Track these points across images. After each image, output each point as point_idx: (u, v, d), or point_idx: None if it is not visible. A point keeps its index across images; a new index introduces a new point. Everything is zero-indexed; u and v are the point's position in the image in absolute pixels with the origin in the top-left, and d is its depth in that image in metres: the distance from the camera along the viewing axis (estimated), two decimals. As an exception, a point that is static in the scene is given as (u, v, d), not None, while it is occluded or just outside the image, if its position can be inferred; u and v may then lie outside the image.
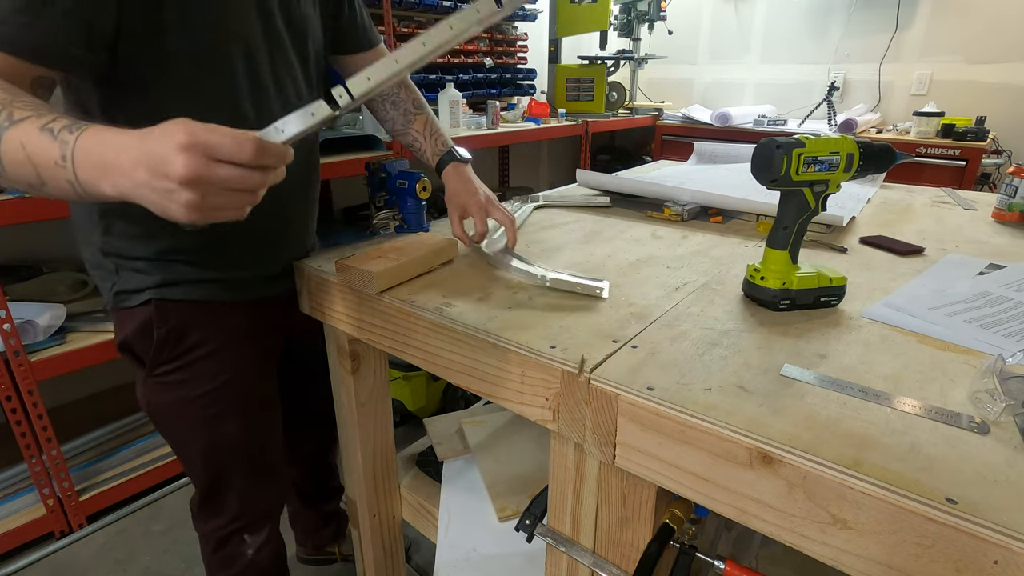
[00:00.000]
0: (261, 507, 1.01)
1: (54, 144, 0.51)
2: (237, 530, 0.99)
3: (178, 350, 0.82)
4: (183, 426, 0.89)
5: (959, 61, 2.66)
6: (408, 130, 1.02)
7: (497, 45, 2.99)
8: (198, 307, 0.82)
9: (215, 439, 0.89)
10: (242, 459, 0.94)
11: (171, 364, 0.83)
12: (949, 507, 0.40)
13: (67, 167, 0.50)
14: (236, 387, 0.88)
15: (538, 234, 1.07)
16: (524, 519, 0.73)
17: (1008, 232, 1.11)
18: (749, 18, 3.23)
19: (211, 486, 0.94)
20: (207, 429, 0.88)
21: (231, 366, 0.86)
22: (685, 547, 0.61)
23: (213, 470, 0.93)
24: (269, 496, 1.02)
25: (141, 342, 0.82)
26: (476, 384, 0.69)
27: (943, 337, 0.66)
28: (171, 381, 0.84)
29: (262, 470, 0.98)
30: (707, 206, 1.21)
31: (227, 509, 0.96)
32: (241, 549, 1.00)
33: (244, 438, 0.92)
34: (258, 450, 0.96)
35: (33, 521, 1.46)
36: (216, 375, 0.85)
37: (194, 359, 0.83)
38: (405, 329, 0.76)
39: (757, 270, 0.74)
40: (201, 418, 0.87)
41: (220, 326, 0.84)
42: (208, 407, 0.86)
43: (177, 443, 0.92)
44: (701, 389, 0.54)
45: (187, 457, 0.93)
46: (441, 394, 1.96)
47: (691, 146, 1.97)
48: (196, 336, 0.82)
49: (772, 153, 0.67)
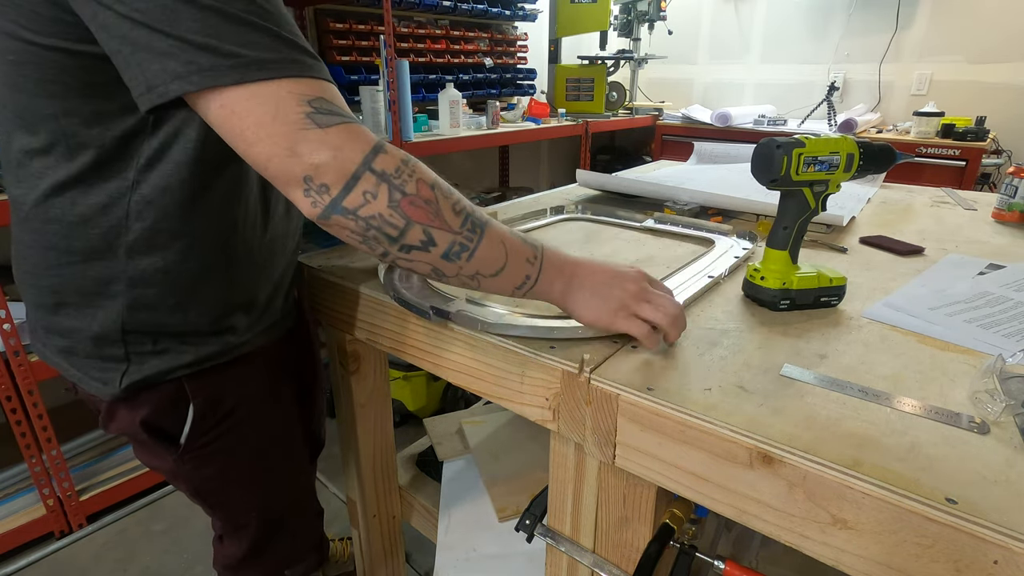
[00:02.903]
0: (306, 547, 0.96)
1: (526, 245, 0.60)
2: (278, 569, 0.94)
3: (215, 419, 0.73)
4: (231, 495, 0.82)
5: (959, 61, 2.66)
6: None
7: (497, 45, 3.00)
8: (229, 368, 0.73)
9: (268, 498, 0.85)
10: (293, 508, 0.90)
11: (212, 433, 0.74)
12: (949, 507, 0.40)
13: (537, 260, 0.60)
14: (275, 440, 0.83)
15: (538, 233, 1.07)
16: (524, 519, 0.73)
17: (1008, 232, 1.11)
18: (749, 18, 3.23)
19: (264, 541, 0.88)
20: (259, 490, 0.83)
21: (265, 420, 0.80)
22: (685, 547, 0.61)
23: (265, 528, 0.86)
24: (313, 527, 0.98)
25: (169, 419, 0.71)
26: (476, 384, 0.69)
27: (943, 337, 0.66)
28: (211, 452, 0.75)
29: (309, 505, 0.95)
30: (707, 206, 1.21)
31: (272, 559, 0.91)
32: None
33: (293, 485, 0.89)
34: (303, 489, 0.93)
35: (33, 521, 1.46)
36: (258, 430, 0.79)
37: (232, 424, 0.75)
38: (405, 329, 0.76)
39: (757, 270, 0.74)
40: (250, 481, 0.81)
41: (247, 382, 0.77)
42: (254, 466, 0.81)
43: (226, 512, 0.85)
44: (701, 389, 0.54)
45: (236, 523, 0.86)
46: (441, 394, 1.96)
47: (691, 146, 1.97)
48: (232, 400, 0.74)
49: (772, 153, 0.67)
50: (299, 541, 0.94)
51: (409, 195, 0.53)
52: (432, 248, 0.55)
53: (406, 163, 0.54)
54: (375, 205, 0.52)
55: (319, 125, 0.50)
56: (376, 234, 0.53)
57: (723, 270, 0.83)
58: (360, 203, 0.52)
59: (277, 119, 0.49)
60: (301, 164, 0.50)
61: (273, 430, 0.82)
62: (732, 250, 0.93)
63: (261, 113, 0.49)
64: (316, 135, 0.50)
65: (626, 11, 3.12)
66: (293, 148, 0.50)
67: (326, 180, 0.51)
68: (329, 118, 0.51)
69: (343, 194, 0.51)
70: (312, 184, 0.51)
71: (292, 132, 0.50)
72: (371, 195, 0.52)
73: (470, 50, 2.83)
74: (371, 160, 0.52)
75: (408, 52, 2.54)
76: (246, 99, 0.49)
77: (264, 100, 0.49)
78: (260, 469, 0.82)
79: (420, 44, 2.59)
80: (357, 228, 0.53)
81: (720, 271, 0.82)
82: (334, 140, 0.50)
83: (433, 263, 0.56)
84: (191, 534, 1.54)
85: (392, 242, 0.54)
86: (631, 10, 3.10)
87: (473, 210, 0.57)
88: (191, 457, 0.74)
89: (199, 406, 0.71)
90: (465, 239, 0.56)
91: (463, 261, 0.56)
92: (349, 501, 1.14)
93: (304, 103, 0.50)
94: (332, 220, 0.53)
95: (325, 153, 0.50)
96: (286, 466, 0.87)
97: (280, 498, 0.87)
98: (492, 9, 2.84)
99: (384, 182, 0.52)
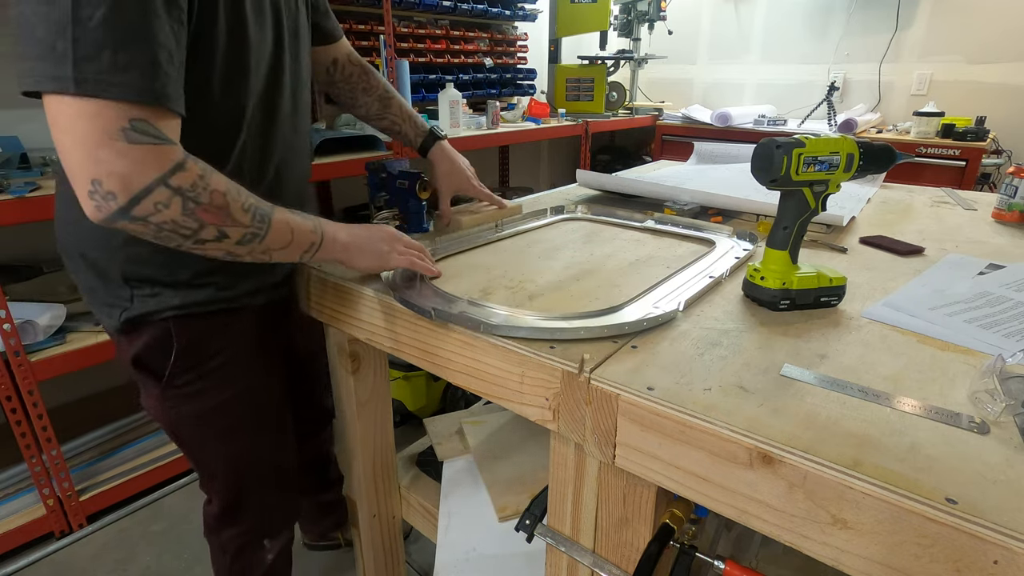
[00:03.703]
0: (282, 513, 1.01)
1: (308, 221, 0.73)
2: (256, 538, 0.98)
3: (195, 360, 0.82)
4: (205, 438, 0.88)
5: (959, 61, 2.66)
6: (385, 114, 1.06)
7: (497, 45, 3.00)
8: (219, 316, 0.82)
9: (238, 447, 0.90)
10: (265, 465, 0.95)
11: (189, 374, 0.82)
12: (949, 507, 0.40)
13: (317, 232, 0.73)
14: (251, 394, 0.89)
15: (539, 234, 1.07)
16: (524, 519, 0.73)
17: (1008, 232, 1.11)
18: (749, 18, 3.23)
19: (233, 497, 0.94)
20: (230, 439, 0.89)
21: (249, 371, 0.88)
22: (685, 547, 0.61)
23: (237, 480, 0.93)
24: (289, 503, 1.02)
25: (157, 356, 0.81)
26: (476, 384, 0.69)
27: (943, 337, 0.66)
28: (189, 392, 0.83)
29: (283, 476, 0.98)
30: (707, 206, 1.21)
31: (247, 518, 0.96)
32: (260, 555, 0.99)
33: (266, 443, 0.93)
34: (278, 456, 0.97)
35: (33, 521, 1.46)
36: (236, 381, 0.86)
37: (211, 368, 0.84)
38: (405, 329, 0.76)
39: (757, 270, 0.74)
40: (223, 427, 0.88)
41: (232, 335, 0.85)
42: (228, 415, 0.87)
43: (199, 457, 0.92)
44: (701, 389, 0.54)
45: (208, 471, 0.93)
46: (441, 394, 1.96)
47: (691, 146, 1.97)
48: (215, 345, 0.83)
49: (772, 153, 0.67)
50: (274, 511, 0.98)
51: (203, 204, 0.62)
52: (225, 240, 0.66)
53: (202, 178, 0.62)
54: (168, 213, 0.60)
55: (127, 141, 0.56)
56: (169, 234, 0.62)
57: (724, 270, 0.83)
58: (151, 211, 0.59)
59: (93, 127, 0.55)
60: (96, 169, 0.56)
61: (251, 385, 0.88)
62: (733, 251, 0.93)
63: (85, 119, 0.55)
64: (119, 147, 0.56)
65: (626, 11, 3.12)
66: (95, 152, 0.55)
67: (114, 189, 0.56)
68: (142, 137, 0.57)
69: (131, 204, 0.58)
70: (99, 189, 0.56)
71: (100, 140, 0.55)
72: (163, 205, 0.59)
73: (470, 50, 2.83)
74: (168, 177, 0.59)
75: (408, 52, 2.54)
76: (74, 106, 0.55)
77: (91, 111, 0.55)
78: (232, 419, 0.88)
79: (420, 44, 2.59)
80: (147, 231, 0.61)
81: (721, 271, 0.82)
82: (135, 155, 0.57)
83: (228, 249, 0.67)
84: (191, 534, 1.54)
85: (185, 239, 0.63)
86: (631, 10, 3.10)
87: (260, 205, 0.68)
88: (172, 394, 0.83)
89: (181, 347, 0.80)
90: (255, 229, 0.67)
91: (255, 244, 0.68)
92: (349, 501, 1.14)
93: (126, 121, 0.56)
94: (119, 225, 0.60)
95: (121, 165, 0.56)
96: (259, 423, 0.91)
97: (250, 453, 0.92)
98: (492, 9, 2.84)
99: (179, 195, 0.60)
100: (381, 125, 1.08)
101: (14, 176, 1.38)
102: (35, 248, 1.70)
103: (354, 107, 1.07)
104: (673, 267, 0.88)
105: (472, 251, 0.97)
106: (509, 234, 1.06)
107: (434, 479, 1.11)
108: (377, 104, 1.05)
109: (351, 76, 1.03)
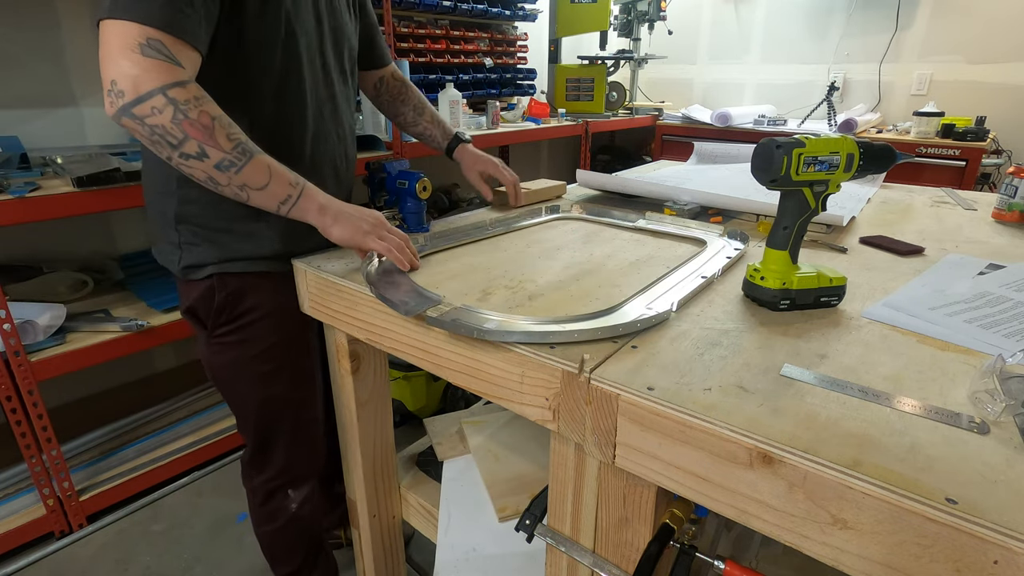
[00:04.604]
0: (305, 463, 1.10)
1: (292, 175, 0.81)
2: (282, 485, 1.09)
3: (235, 313, 0.94)
4: (239, 383, 1.00)
5: (959, 61, 2.66)
6: (419, 122, 1.23)
7: (497, 45, 2.99)
8: (252, 278, 0.93)
9: (266, 395, 1.01)
10: (290, 416, 1.04)
11: (229, 326, 0.95)
12: (949, 507, 0.40)
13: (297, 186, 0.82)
14: (284, 348, 1.00)
15: (538, 233, 1.07)
16: (524, 519, 0.73)
17: (1008, 232, 1.11)
18: (749, 18, 3.23)
19: (261, 440, 1.05)
20: (260, 386, 1.00)
21: (280, 329, 0.98)
22: (685, 547, 0.61)
23: (264, 424, 1.03)
24: (311, 454, 1.11)
25: (204, 307, 0.94)
26: (476, 384, 0.69)
27: (943, 337, 0.66)
28: (229, 342, 0.96)
29: (307, 428, 1.08)
30: (707, 206, 1.21)
31: (274, 463, 1.07)
32: (285, 503, 1.10)
33: (292, 397, 1.03)
34: (303, 409, 1.06)
35: (33, 521, 1.46)
36: (267, 336, 0.97)
37: (249, 322, 0.95)
38: (405, 329, 0.76)
39: (757, 270, 0.74)
40: (255, 375, 0.99)
41: (270, 294, 0.95)
42: (261, 365, 0.98)
43: (234, 400, 1.03)
44: (701, 389, 0.54)
45: (242, 413, 1.04)
46: (441, 394, 1.96)
47: (691, 146, 1.97)
48: (250, 302, 0.94)
49: (772, 153, 0.67)
50: (296, 460, 1.09)
51: (190, 119, 0.72)
52: (205, 159, 0.74)
53: (198, 100, 0.73)
54: (160, 119, 0.71)
55: (142, 54, 0.70)
56: (159, 140, 0.72)
57: (716, 270, 0.83)
58: (147, 114, 0.71)
59: (120, 41, 0.70)
60: (114, 70, 0.70)
61: (282, 340, 0.99)
62: (724, 250, 0.93)
63: (116, 35, 0.70)
64: (135, 58, 0.70)
65: (626, 11, 3.12)
66: (116, 59, 0.69)
67: (124, 88, 0.70)
68: (155, 53, 0.70)
69: (133, 103, 0.70)
70: (114, 88, 0.70)
71: (123, 50, 0.69)
72: (157, 111, 0.71)
73: (470, 50, 2.83)
74: (167, 89, 0.71)
75: (408, 52, 2.54)
76: (111, 26, 0.70)
77: (120, 29, 0.70)
78: (264, 369, 0.99)
79: (420, 44, 2.59)
80: (143, 132, 0.72)
81: (713, 271, 0.83)
82: (144, 65, 0.70)
83: (208, 171, 0.75)
84: (191, 534, 1.54)
85: (172, 148, 0.73)
86: (631, 10, 3.10)
87: (247, 141, 0.77)
88: (214, 343, 0.96)
89: (221, 299, 0.92)
90: (234, 158, 0.75)
91: (232, 174, 0.76)
92: (349, 501, 1.14)
93: (144, 38, 0.70)
94: (123, 121, 0.71)
95: (132, 70, 0.69)
96: (288, 376, 1.02)
97: (277, 402, 1.02)
98: (492, 9, 2.84)
99: (171, 105, 0.71)
100: (415, 131, 1.24)
101: (14, 176, 1.38)
102: (35, 248, 1.70)
103: (395, 116, 1.24)
104: (671, 266, 0.88)
105: (472, 252, 0.97)
106: (504, 232, 1.06)
107: (434, 479, 1.11)
108: (412, 113, 1.22)
109: (393, 90, 1.21)
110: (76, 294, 1.63)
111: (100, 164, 1.42)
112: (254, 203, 0.79)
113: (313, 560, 1.19)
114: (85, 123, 1.74)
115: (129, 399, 1.83)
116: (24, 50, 1.60)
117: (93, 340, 1.43)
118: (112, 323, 1.48)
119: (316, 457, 1.12)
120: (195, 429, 1.80)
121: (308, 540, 1.17)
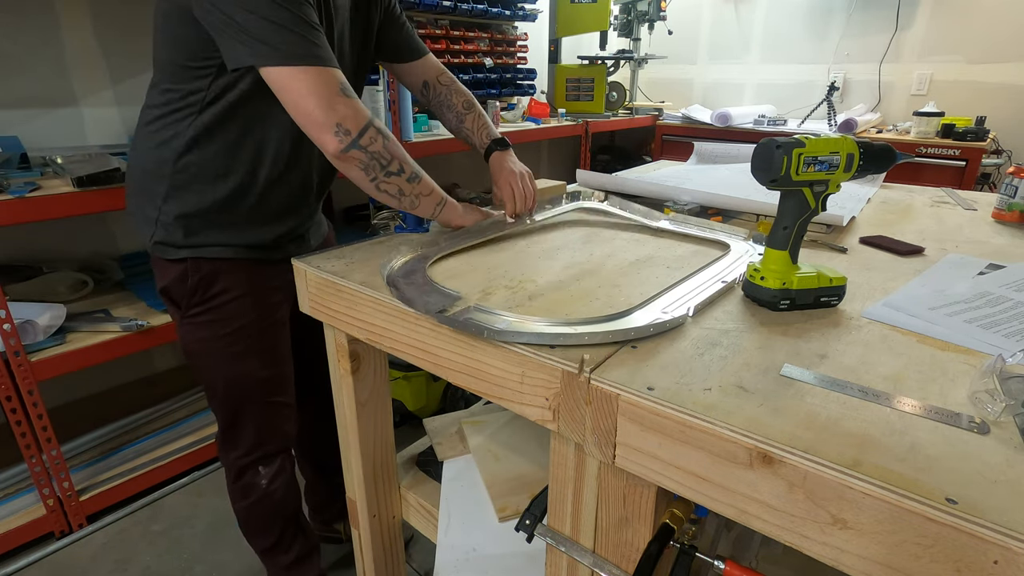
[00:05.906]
0: (274, 442, 1.14)
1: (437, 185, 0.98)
2: (253, 462, 1.13)
3: (207, 295, 1.00)
4: (210, 361, 1.05)
5: (959, 61, 2.66)
6: (461, 127, 1.27)
7: (497, 45, 2.99)
8: (224, 263, 0.99)
9: (235, 373, 1.06)
10: (258, 395, 1.09)
11: (201, 307, 1.00)
12: (949, 507, 0.40)
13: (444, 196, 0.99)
14: (253, 330, 1.05)
15: (538, 234, 1.07)
16: (524, 519, 0.73)
17: (1008, 232, 1.11)
18: (749, 18, 3.23)
19: (231, 417, 1.10)
20: (229, 364, 1.05)
21: (249, 312, 1.03)
22: (685, 547, 0.61)
23: (233, 402, 1.08)
24: (280, 431, 1.15)
25: (178, 289, 1.00)
26: (476, 384, 0.69)
27: (943, 337, 0.66)
28: (201, 321, 1.01)
29: (277, 408, 1.12)
30: (707, 206, 1.21)
31: (244, 440, 1.11)
32: (256, 480, 1.14)
33: (260, 376, 1.08)
34: (273, 389, 1.11)
35: (33, 521, 1.46)
36: (238, 317, 1.02)
37: (220, 303, 1.01)
38: (405, 329, 0.76)
39: (757, 270, 0.74)
40: (225, 355, 1.04)
41: (241, 279, 1.01)
42: (230, 346, 1.03)
43: (204, 377, 1.08)
44: (701, 389, 0.54)
45: (212, 392, 1.09)
46: (441, 394, 1.96)
47: (691, 146, 1.97)
48: (221, 284, 1.00)
49: (772, 153, 0.67)
50: (268, 439, 1.13)
51: (391, 142, 0.89)
52: (402, 174, 0.91)
53: (381, 128, 0.88)
54: (376, 145, 0.87)
55: (346, 95, 0.84)
56: (374, 162, 0.87)
57: (740, 276, 0.81)
58: (369, 143, 0.86)
59: (326, 88, 0.82)
60: (335, 114, 0.83)
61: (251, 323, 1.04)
62: (748, 254, 0.91)
63: (317, 82, 0.82)
64: (345, 100, 0.84)
65: (626, 11, 3.12)
66: (332, 103, 0.82)
67: (349, 127, 0.84)
68: (350, 91, 0.85)
69: (359, 136, 0.85)
70: (340, 128, 0.83)
71: (333, 95, 0.83)
72: (373, 139, 0.86)
73: (470, 50, 2.83)
74: (373, 120, 0.87)
75: (408, 52, 2.54)
76: (302, 72, 0.81)
77: (317, 76, 0.82)
78: (235, 349, 1.04)
79: (420, 44, 2.59)
80: (364, 158, 0.86)
81: (735, 276, 0.81)
82: (354, 104, 0.85)
83: (401, 184, 0.91)
84: (191, 534, 1.54)
85: (381, 169, 0.88)
86: (631, 10, 3.10)
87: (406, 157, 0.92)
88: (187, 322, 1.02)
89: (194, 282, 0.99)
90: (415, 172, 0.93)
91: (416, 184, 0.93)
92: (349, 501, 1.14)
93: (338, 83, 0.84)
94: (351, 153, 0.85)
95: (349, 110, 0.84)
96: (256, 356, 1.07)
97: (245, 380, 1.07)
98: (492, 9, 2.84)
99: (380, 133, 0.87)
100: (459, 135, 1.28)
101: (14, 176, 1.38)
102: (35, 248, 1.70)
103: (442, 119, 1.30)
104: (673, 267, 0.88)
105: (472, 252, 0.97)
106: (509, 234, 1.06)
107: (434, 479, 1.11)
108: (455, 119, 1.26)
109: (440, 95, 1.27)
110: (76, 294, 1.63)
111: (100, 164, 1.42)
112: (419, 209, 0.95)
113: (291, 538, 1.22)
114: (85, 123, 1.74)
115: (129, 399, 1.83)
116: (24, 50, 1.60)
117: (93, 340, 1.43)
118: (112, 323, 1.48)
119: (286, 437, 1.17)
120: (195, 429, 1.80)
121: (283, 518, 1.20)
